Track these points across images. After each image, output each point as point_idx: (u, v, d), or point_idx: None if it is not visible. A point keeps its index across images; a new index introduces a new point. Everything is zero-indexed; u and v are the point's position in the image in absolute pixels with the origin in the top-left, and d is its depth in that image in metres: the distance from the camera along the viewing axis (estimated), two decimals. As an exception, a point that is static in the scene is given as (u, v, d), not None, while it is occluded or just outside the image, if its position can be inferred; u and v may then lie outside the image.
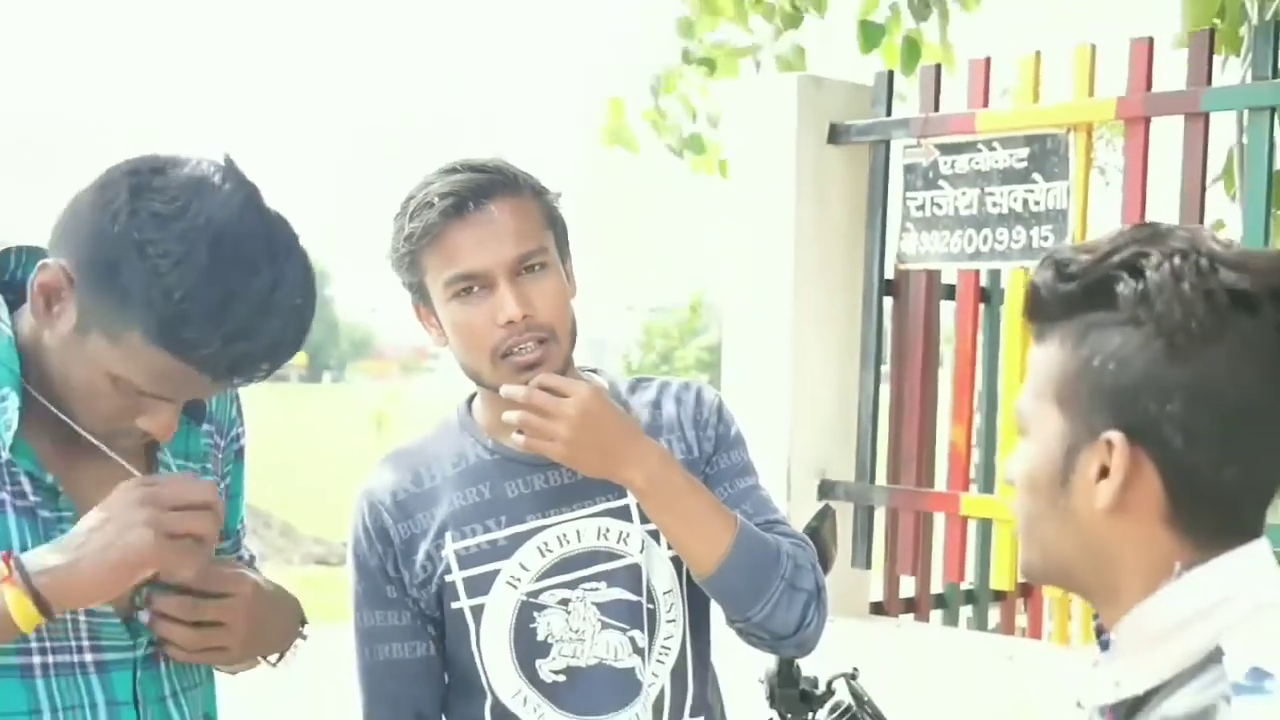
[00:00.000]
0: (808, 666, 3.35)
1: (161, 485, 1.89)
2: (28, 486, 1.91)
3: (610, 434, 2.30)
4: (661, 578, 2.50)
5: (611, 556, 2.48)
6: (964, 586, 5.45)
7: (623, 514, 2.48)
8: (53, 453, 1.95)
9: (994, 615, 5.59)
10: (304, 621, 2.20)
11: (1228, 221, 5.35)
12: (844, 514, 5.27)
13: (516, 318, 2.35)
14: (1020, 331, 5.09)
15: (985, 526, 5.17)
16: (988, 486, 5.24)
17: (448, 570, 2.47)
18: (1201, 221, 4.66)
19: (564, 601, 2.46)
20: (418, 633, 2.53)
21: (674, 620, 2.52)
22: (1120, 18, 7.12)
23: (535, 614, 2.46)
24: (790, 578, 2.47)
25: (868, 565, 5.39)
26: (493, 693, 2.48)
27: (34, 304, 1.88)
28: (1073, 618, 5.79)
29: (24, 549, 1.86)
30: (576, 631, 2.46)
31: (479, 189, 2.38)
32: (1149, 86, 4.70)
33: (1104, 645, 1.62)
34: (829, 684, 3.38)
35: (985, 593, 5.40)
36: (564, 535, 2.47)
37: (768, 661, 3.30)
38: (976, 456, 5.31)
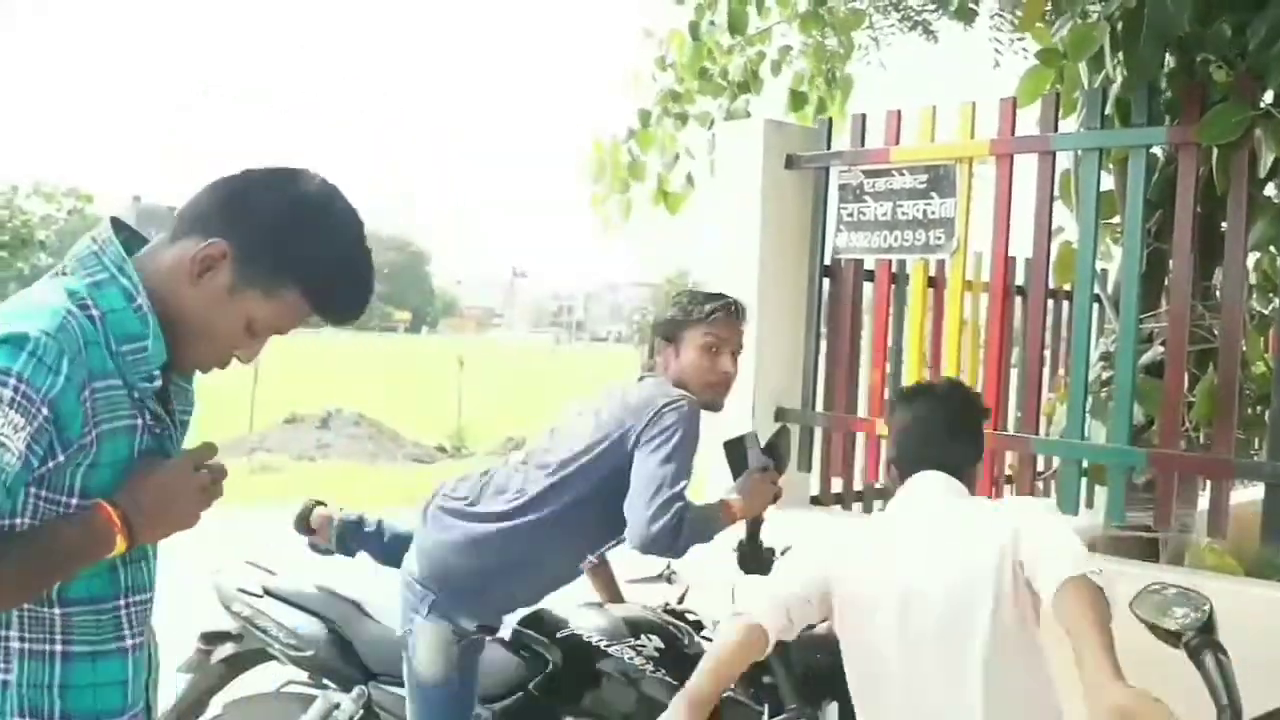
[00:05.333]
0: (770, 541, 3.39)
1: (216, 472, 1.89)
2: (149, 419, 1.84)
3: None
4: None
5: None
6: (877, 485, 5.47)
7: None
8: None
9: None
10: None
11: (1067, 227, 5.37)
12: (792, 433, 5.32)
13: (726, 372, 3.28)
14: (920, 304, 5.13)
15: (892, 442, 5.19)
16: (895, 414, 5.25)
17: None
18: (1049, 229, 4.69)
19: None
20: None
21: None
22: (981, 75, 7.14)
23: None
24: None
25: (809, 469, 5.44)
26: None
27: (191, 269, 1.81)
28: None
29: (141, 455, 1.83)
30: None
31: (739, 309, 3.34)
32: (1013, 132, 4.73)
33: None
34: (782, 552, 3.41)
35: (893, 490, 5.40)
36: None
37: (739, 538, 3.34)
38: (887, 393, 5.32)
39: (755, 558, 3.33)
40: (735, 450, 3.35)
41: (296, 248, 1.82)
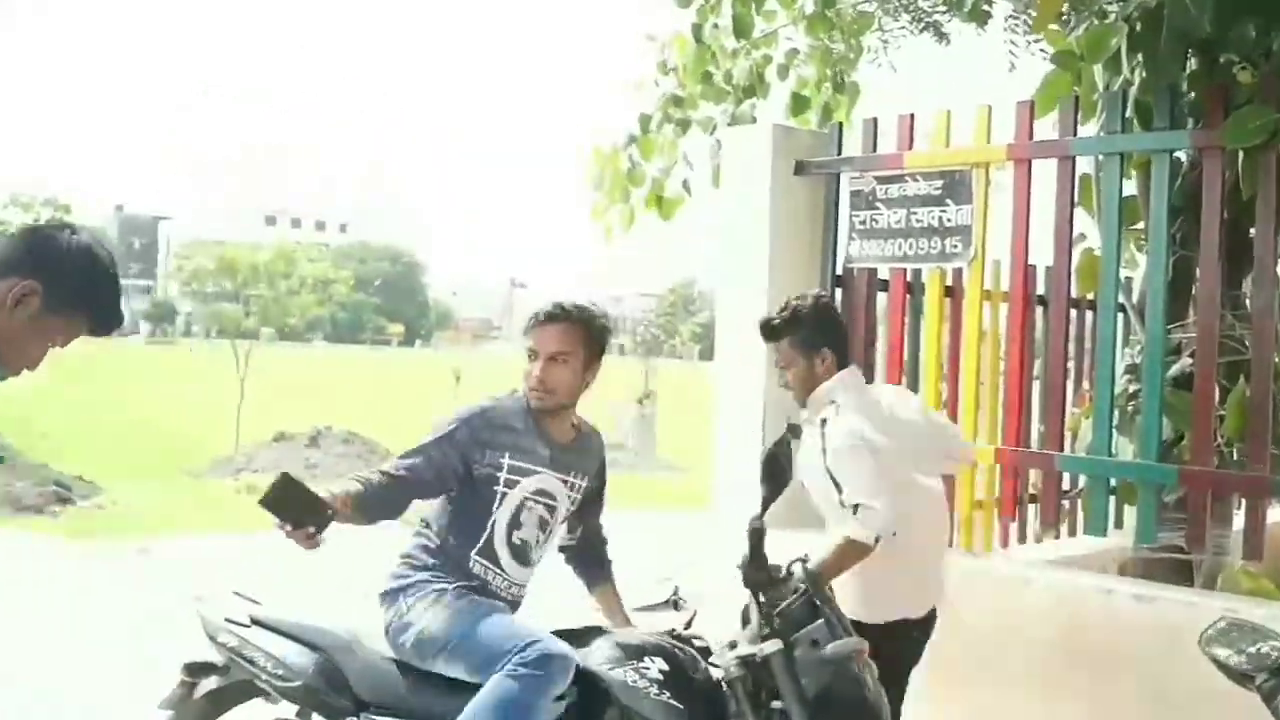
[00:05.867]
0: (775, 558, 3.37)
1: None
2: None
3: None
4: None
5: None
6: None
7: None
8: None
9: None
10: None
11: (1089, 233, 5.35)
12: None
13: (535, 377, 3.53)
14: (936, 315, 5.11)
15: (908, 460, 5.16)
16: (911, 430, 5.23)
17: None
18: (1070, 236, 4.68)
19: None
20: None
21: None
22: (992, 79, 7.13)
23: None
24: None
25: (821, 488, 5.41)
26: None
27: (8, 302, 2.46)
28: (976, 532, 5.81)
29: None
30: None
31: (552, 315, 3.55)
32: (1031, 136, 4.71)
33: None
34: (787, 568, 3.40)
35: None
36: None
37: (741, 553, 3.33)
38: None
39: (761, 574, 3.31)
40: (776, 461, 3.41)
41: (90, 289, 2.58)
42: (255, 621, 3.68)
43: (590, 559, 3.88)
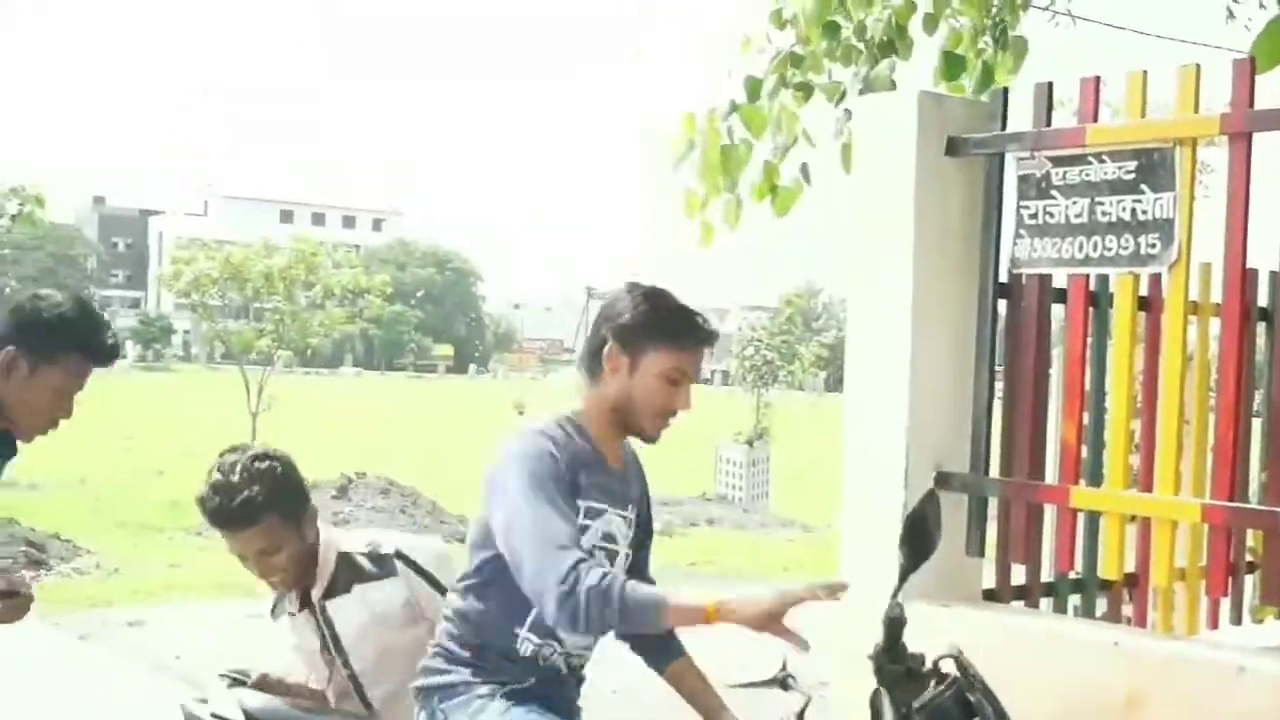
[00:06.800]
0: (914, 646, 3.36)
1: None
2: None
3: None
4: None
5: None
6: (1072, 575, 5.40)
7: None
8: None
9: (1100, 604, 5.54)
10: None
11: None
12: (959, 504, 5.29)
13: (672, 409, 3.54)
14: (1128, 333, 5.07)
15: (1093, 519, 5.13)
16: (1095, 480, 5.19)
17: None
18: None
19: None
20: None
21: None
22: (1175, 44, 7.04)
23: None
24: None
25: (981, 553, 5.39)
26: None
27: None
28: (1176, 608, 5.74)
29: None
30: None
31: (712, 335, 3.63)
32: (1252, 103, 4.66)
33: None
34: (935, 663, 3.37)
35: (1093, 582, 5.36)
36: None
37: (875, 640, 3.32)
38: (1084, 452, 5.26)
39: (898, 667, 3.30)
40: (923, 522, 3.39)
41: (69, 334, 3.51)
42: (248, 716, 3.76)
43: None
